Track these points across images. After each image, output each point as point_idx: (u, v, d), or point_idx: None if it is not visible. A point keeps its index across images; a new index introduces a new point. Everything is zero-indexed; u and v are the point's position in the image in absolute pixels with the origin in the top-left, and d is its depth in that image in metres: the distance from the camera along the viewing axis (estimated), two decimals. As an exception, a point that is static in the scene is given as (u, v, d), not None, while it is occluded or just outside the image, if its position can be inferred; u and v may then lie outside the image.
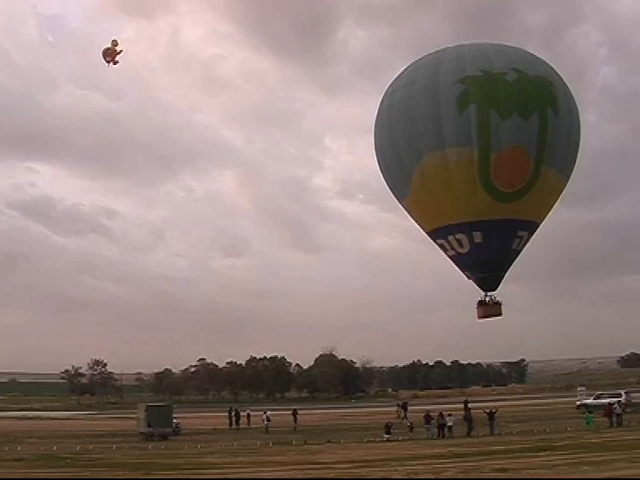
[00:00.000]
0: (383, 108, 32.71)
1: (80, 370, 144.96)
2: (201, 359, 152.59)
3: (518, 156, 29.15)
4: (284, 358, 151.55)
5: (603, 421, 45.32)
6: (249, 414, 60.18)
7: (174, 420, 51.77)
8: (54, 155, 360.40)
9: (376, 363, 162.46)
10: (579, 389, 73.82)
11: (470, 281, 33.11)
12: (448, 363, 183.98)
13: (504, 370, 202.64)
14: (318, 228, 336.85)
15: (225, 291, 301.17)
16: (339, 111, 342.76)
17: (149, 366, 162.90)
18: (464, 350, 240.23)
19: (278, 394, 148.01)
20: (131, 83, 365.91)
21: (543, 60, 31.72)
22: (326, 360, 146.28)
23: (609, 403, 49.74)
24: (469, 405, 60.19)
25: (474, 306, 32.61)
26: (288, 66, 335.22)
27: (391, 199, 34.24)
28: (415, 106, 30.21)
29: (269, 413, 55.27)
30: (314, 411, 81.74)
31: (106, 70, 42.48)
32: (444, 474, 24.97)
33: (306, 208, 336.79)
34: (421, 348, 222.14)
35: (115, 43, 42.23)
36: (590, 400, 59.61)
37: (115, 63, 42.10)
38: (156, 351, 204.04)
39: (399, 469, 26.96)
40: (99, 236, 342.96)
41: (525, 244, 31.99)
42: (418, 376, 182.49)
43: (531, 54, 31.84)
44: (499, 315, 32.37)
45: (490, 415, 44.90)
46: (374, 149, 33.93)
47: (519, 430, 45.33)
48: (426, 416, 45.60)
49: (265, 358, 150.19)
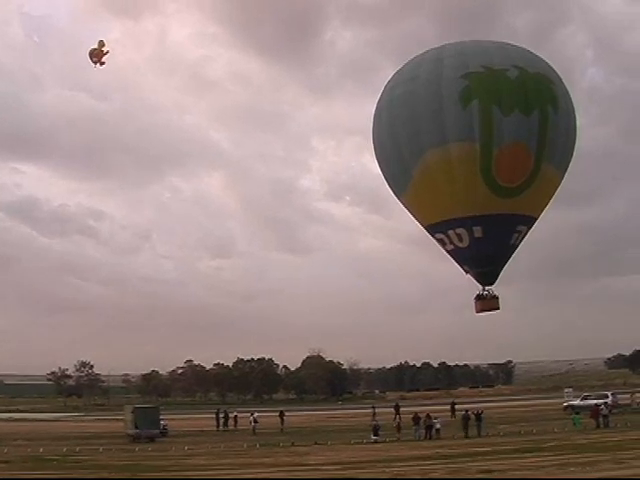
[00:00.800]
0: (383, 103, 32.73)
1: (67, 372, 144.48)
2: (188, 361, 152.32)
3: (519, 152, 29.46)
4: (271, 360, 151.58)
5: (590, 422, 45.50)
6: (236, 416, 60.10)
7: (161, 422, 51.63)
8: (40, 156, 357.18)
9: (363, 365, 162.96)
10: (566, 390, 73.97)
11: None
12: (435, 365, 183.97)
13: (491, 371, 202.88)
14: (305, 229, 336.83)
15: (212, 292, 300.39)
16: (326, 112, 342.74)
17: (136, 368, 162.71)
18: (451, 351, 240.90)
19: (265, 396, 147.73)
20: (118, 84, 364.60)
21: (541, 58, 32.05)
22: (313, 362, 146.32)
23: (596, 404, 49.98)
24: (456, 406, 60.58)
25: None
26: (275, 67, 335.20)
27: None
28: (418, 101, 30.33)
29: (256, 415, 55.24)
30: (301, 413, 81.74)
31: (92, 70, 42.60)
32: (431, 475, 25.07)
33: (293, 209, 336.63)
34: (408, 350, 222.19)
35: (102, 44, 42.24)
36: (577, 401, 59.85)
37: (102, 64, 42.09)
38: (143, 353, 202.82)
39: (386, 470, 27.03)
40: (85, 237, 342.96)
41: (523, 239, 32.32)
42: (405, 377, 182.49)
43: (530, 52, 32.12)
44: (497, 309, 32.54)
45: (477, 416, 44.94)
46: (372, 144, 33.94)
47: (506, 431, 45.48)
48: (414, 417, 45.67)
49: (252, 360, 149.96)
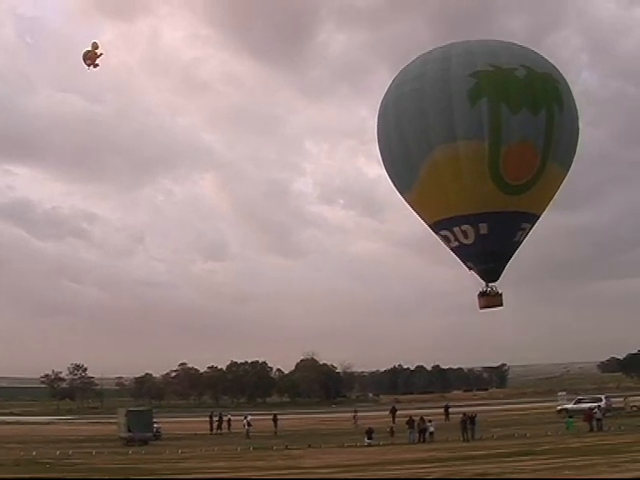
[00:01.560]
0: (389, 100, 32.74)
1: (60, 375, 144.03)
2: (182, 364, 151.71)
3: (527, 150, 29.66)
4: (265, 363, 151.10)
5: (583, 426, 45.51)
6: (230, 419, 60.00)
7: (155, 425, 51.46)
8: (33, 158, 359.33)
9: (357, 368, 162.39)
10: (559, 394, 73.99)
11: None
12: (429, 368, 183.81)
13: (485, 375, 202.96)
14: (299, 232, 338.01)
15: (206, 295, 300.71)
16: (320, 115, 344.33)
17: (130, 371, 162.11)
18: (445, 355, 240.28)
19: (259, 399, 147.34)
20: (111, 86, 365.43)
21: (546, 58, 32.24)
22: (307, 365, 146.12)
23: (589, 408, 49.98)
24: (450, 410, 60.60)
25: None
26: (268, 69, 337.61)
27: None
28: (426, 99, 30.40)
29: (250, 418, 55.21)
30: (295, 416, 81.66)
31: (85, 72, 42.34)
32: (426, 478, 25.01)
33: (287, 212, 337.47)
34: (402, 353, 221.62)
35: (95, 46, 42.03)
36: (571, 405, 59.82)
37: (95, 66, 41.91)
38: (137, 355, 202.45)
39: (380, 474, 26.99)
40: (79, 240, 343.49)
41: (526, 236, 32.52)
42: (399, 381, 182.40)
43: (535, 52, 32.34)
44: (500, 305, 32.66)
45: (471, 420, 44.90)
46: (377, 140, 33.96)
47: (500, 435, 45.41)
48: (409, 421, 45.65)
49: (246, 363, 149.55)
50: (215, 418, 59.38)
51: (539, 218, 32.81)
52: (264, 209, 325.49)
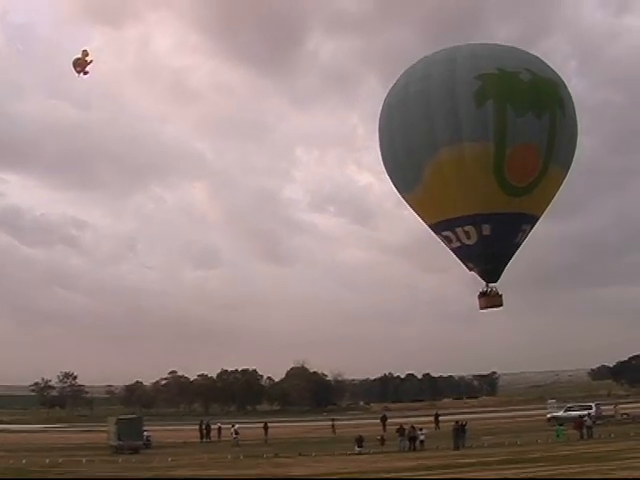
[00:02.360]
0: (393, 100, 32.79)
1: (50, 383, 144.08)
2: (172, 372, 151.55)
3: (531, 153, 29.87)
4: (255, 371, 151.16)
5: (573, 433, 45.59)
6: (220, 427, 59.93)
7: (145, 433, 51.37)
8: (23, 165, 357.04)
9: (347, 376, 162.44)
10: (549, 401, 73.96)
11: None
12: (420, 376, 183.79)
13: (475, 382, 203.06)
14: (289, 240, 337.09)
15: (196, 303, 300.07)
16: (309, 122, 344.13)
17: (120, 379, 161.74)
18: (435, 363, 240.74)
19: (249, 407, 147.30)
20: (100, 93, 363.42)
21: (547, 63, 32.55)
22: (297, 373, 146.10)
23: (579, 415, 50.11)
24: (440, 418, 60.65)
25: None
26: (258, 77, 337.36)
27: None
28: (432, 100, 30.53)
29: (237, 426, 55.25)
30: (285, 424, 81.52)
31: (75, 79, 42.30)
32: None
33: (277, 220, 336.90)
34: (392, 361, 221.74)
35: (85, 53, 42.01)
36: (561, 413, 59.90)
37: (85, 73, 41.88)
38: (127, 363, 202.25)
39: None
40: (68, 247, 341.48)
41: (526, 237, 32.68)
42: (389, 389, 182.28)
43: (536, 56, 32.61)
44: (500, 305, 32.76)
45: (461, 428, 44.93)
46: (379, 141, 34.01)
47: (490, 443, 45.47)
48: (399, 429, 45.67)
49: (236, 371, 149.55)
50: (204, 426, 59.33)
51: (538, 220, 33.04)
52: (255, 216, 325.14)
